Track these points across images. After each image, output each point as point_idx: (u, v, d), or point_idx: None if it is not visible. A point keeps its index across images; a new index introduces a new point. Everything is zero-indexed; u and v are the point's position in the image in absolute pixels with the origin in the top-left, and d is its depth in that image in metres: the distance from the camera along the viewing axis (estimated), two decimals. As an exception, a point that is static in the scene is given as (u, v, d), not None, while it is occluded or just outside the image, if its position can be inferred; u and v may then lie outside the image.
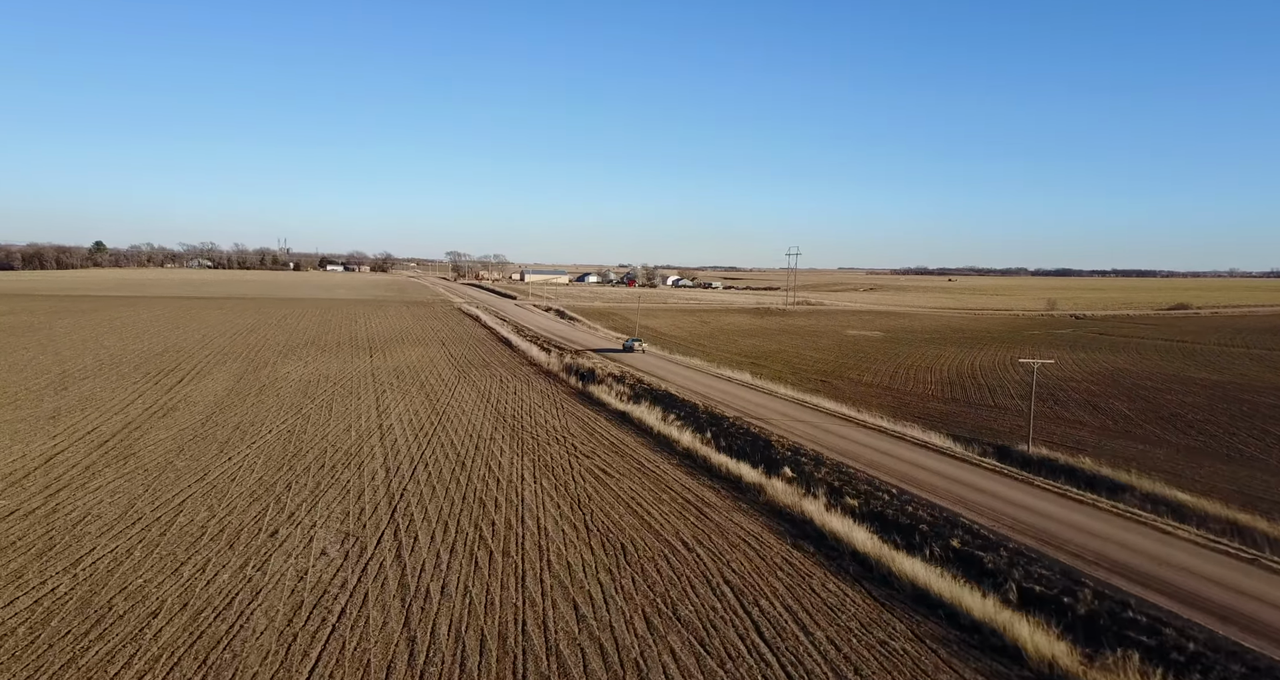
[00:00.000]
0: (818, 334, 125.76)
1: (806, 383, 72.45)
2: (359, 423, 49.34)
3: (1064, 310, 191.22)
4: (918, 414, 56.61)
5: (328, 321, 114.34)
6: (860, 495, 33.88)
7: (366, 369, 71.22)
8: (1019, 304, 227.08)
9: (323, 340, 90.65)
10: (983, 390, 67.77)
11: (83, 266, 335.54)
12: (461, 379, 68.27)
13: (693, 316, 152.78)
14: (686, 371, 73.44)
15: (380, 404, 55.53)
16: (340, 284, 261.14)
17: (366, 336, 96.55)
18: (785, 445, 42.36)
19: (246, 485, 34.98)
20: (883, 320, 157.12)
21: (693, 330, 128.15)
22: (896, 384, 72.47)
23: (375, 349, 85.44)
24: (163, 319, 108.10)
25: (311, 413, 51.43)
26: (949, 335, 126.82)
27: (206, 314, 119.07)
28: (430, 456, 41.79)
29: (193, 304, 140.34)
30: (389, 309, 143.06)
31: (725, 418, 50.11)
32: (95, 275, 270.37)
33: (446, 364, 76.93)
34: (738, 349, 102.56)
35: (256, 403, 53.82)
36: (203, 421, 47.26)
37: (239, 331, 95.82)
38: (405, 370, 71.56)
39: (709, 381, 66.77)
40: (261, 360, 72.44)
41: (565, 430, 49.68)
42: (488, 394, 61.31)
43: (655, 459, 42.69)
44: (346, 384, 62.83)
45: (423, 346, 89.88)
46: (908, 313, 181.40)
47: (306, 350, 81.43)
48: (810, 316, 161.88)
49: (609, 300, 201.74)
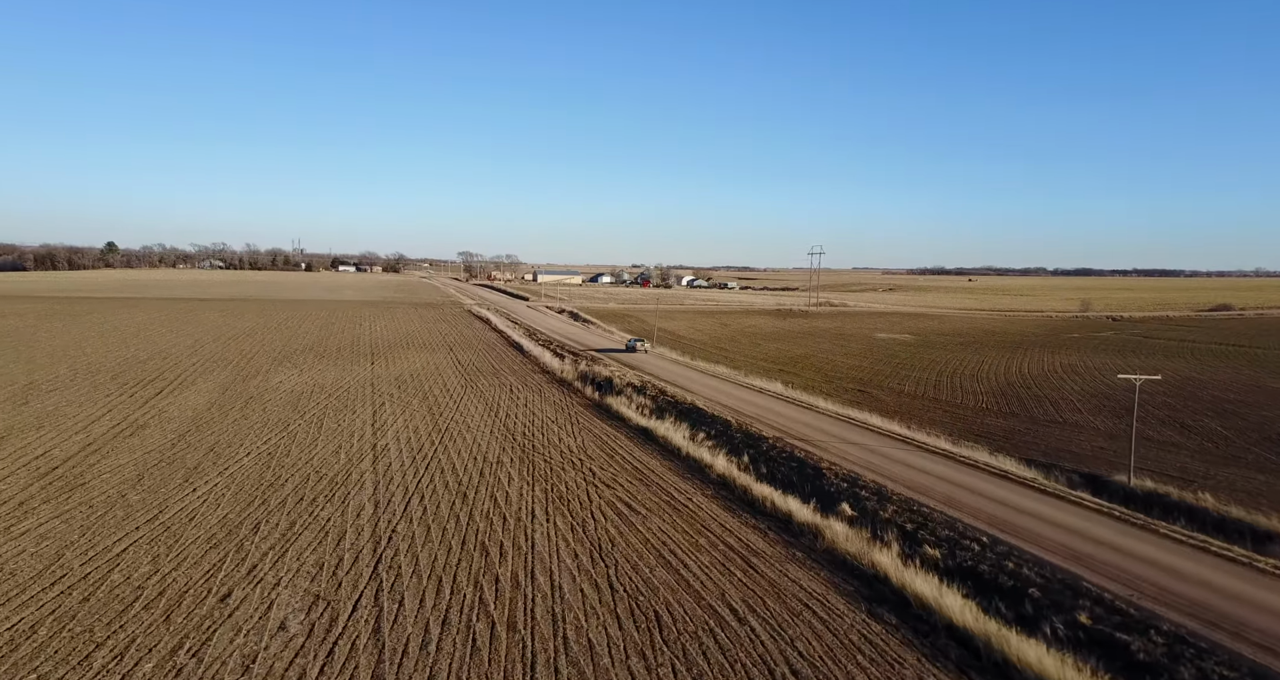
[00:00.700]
0: (845, 337, 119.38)
1: (843, 393, 66.32)
2: (351, 442, 43.86)
3: (1098, 311, 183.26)
4: (976, 431, 50.37)
5: (330, 325, 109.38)
6: (942, 543, 27.83)
7: (366, 378, 65.89)
8: (1048, 305, 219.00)
9: (323, 345, 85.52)
10: (1042, 403, 61.27)
11: (94, 267, 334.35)
12: (468, 389, 62.79)
13: (712, 318, 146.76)
14: (711, 380, 67.51)
15: (377, 420, 50.07)
16: (349, 285, 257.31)
17: (370, 341, 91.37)
18: (839, 474, 36.35)
19: (207, 526, 29.47)
20: (911, 322, 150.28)
21: (713, 333, 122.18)
22: (943, 395, 66.13)
23: (378, 355, 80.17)
24: (157, 322, 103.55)
25: (299, 430, 46.02)
26: (984, 338, 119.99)
27: (205, 316, 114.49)
28: (428, 485, 36.19)
29: (193, 306, 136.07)
30: (396, 311, 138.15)
31: (763, 437, 44.13)
32: (103, 276, 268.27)
33: (453, 372, 71.50)
34: (762, 354, 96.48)
35: (240, 418, 48.49)
36: (174, 442, 41.92)
37: (235, 335, 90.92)
38: (408, 379, 66.17)
39: (738, 392, 60.80)
40: (253, 368, 67.28)
41: (582, 451, 43.97)
42: (496, 407, 55.74)
43: (686, 489, 36.86)
44: (342, 395, 57.46)
45: (429, 352, 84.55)
46: (935, 314, 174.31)
47: (304, 357, 76.27)
48: (834, 318, 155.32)
49: (624, 301, 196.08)
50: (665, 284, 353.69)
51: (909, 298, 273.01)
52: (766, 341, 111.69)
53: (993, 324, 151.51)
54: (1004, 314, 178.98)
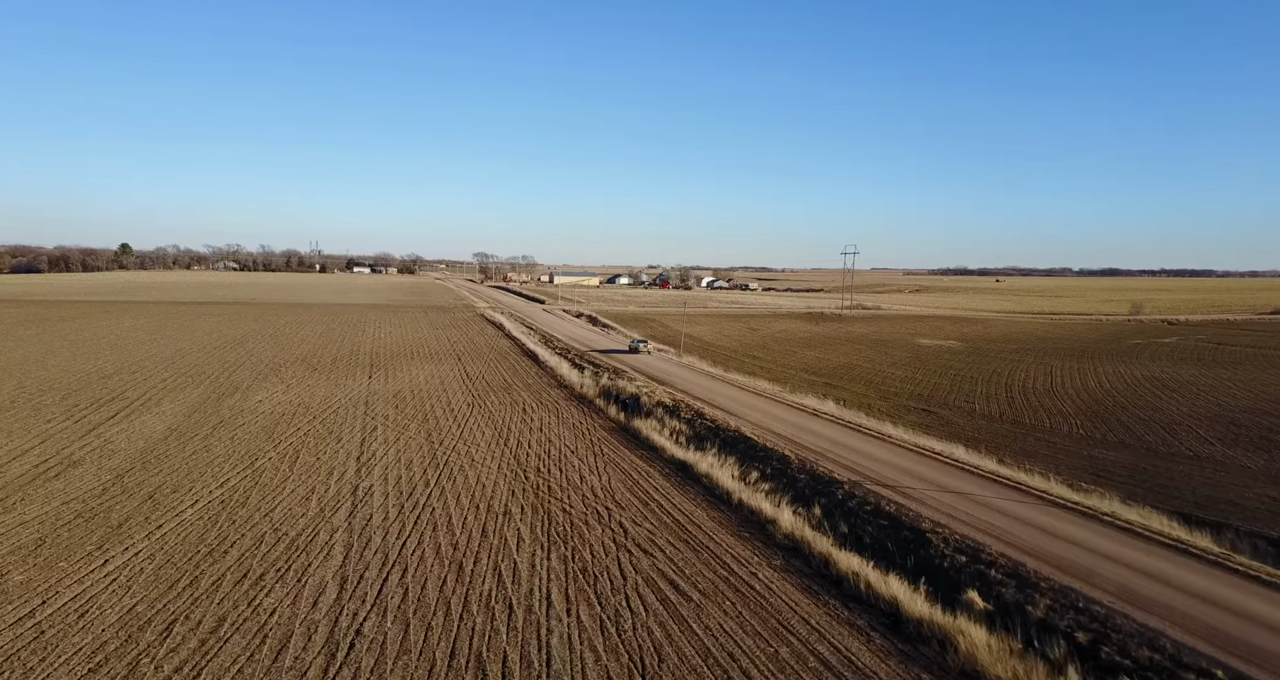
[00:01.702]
0: (886, 344, 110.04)
1: (905, 413, 57.47)
2: (328, 484, 35.84)
3: (1150, 314, 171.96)
4: (1089, 468, 41.34)
5: (332, 331, 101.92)
6: (1155, 672, 19.04)
7: (361, 394, 58.01)
8: (1091, 307, 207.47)
9: (318, 355, 77.89)
10: (1151, 428, 51.95)
11: (108, 269, 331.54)
12: (476, 408, 54.73)
13: (739, 323, 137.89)
14: (753, 398, 58.88)
15: (365, 451, 42.06)
16: (360, 287, 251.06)
17: (371, 350, 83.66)
18: (949, 540, 27.63)
19: (98, 631, 21.44)
20: (953, 327, 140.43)
21: (742, 339, 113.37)
22: (1022, 416, 57.02)
23: (378, 366, 72.35)
24: (143, 329, 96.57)
25: (267, 467, 38.08)
26: (1038, 345, 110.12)
27: (198, 322, 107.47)
28: (414, 551, 28.02)
29: (190, 310, 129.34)
30: (404, 316, 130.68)
31: (834, 480, 35.47)
32: (111, 278, 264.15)
33: (459, 387, 63.48)
34: (799, 363, 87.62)
35: (200, 450, 40.67)
36: (107, 486, 34.10)
37: (224, 344, 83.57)
38: (408, 396, 58.23)
39: (787, 415, 52.14)
40: (233, 383, 59.63)
41: (608, 495, 35.65)
42: (506, 432, 47.58)
43: (747, 556, 28.39)
44: (329, 418, 49.57)
45: (435, 363, 76.64)
46: (975, 317, 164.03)
47: (294, 368, 68.60)
48: (870, 322, 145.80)
49: (644, 304, 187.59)
50: (685, 285, 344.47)
51: (939, 299, 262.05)
52: (802, 348, 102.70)
53: (1041, 328, 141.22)
54: (1049, 317, 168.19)
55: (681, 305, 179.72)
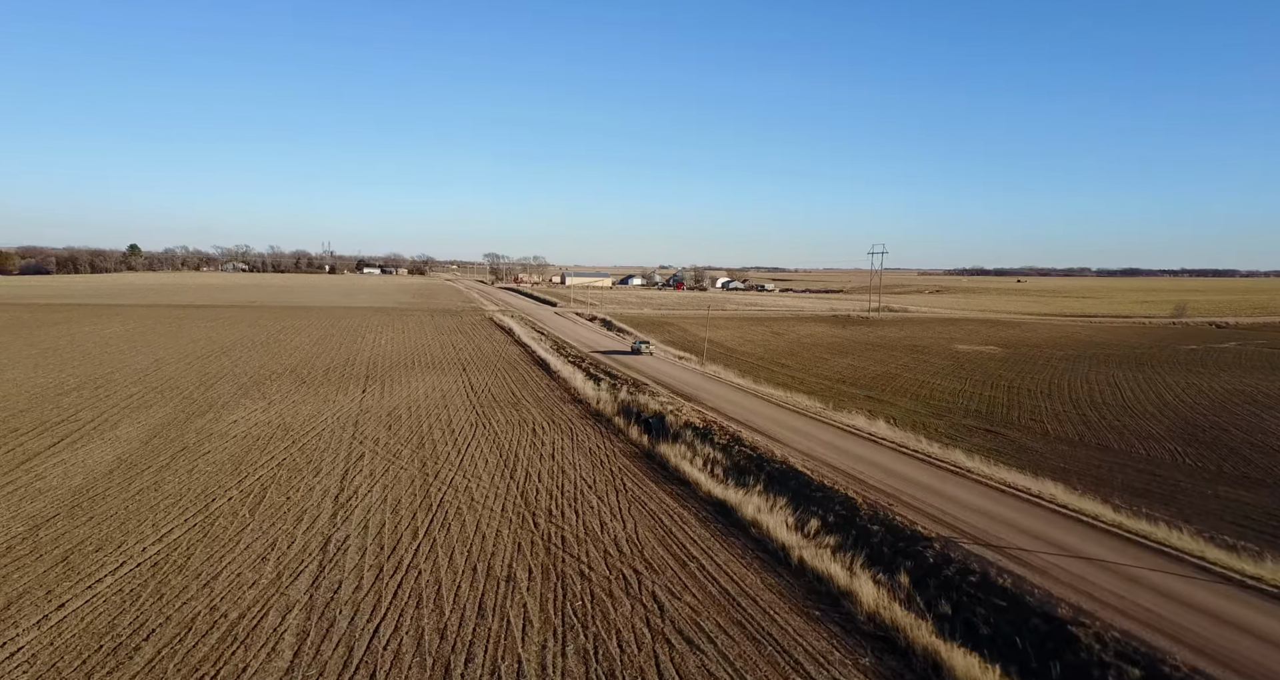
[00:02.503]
0: (922, 350, 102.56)
1: (968, 434, 50.32)
2: (293, 535, 29.24)
3: (1195, 317, 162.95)
4: (1227, 516, 33.97)
5: (329, 337, 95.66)
6: None
7: (351, 413, 51.53)
8: (1128, 309, 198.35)
9: (310, 365, 71.51)
10: (1273, 457, 44.39)
11: (116, 270, 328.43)
12: (479, 429, 48.11)
13: (761, 326, 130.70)
14: (793, 418, 51.88)
15: (345, 487, 35.46)
16: (368, 289, 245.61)
17: (369, 359, 77.24)
18: (1105, 639, 20.49)
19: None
20: (989, 331, 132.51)
21: (767, 344, 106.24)
22: (1105, 438, 49.62)
23: (374, 378, 65.89)
24: (127, 336, 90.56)
25: (224, 511, 31.52)
26: (1086, 351, 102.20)
27: (189, 327, 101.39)
28: (388, 643, 21.36)
29: (184, 314, 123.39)
30: (409, 320, 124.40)
31: (919, 535, 28.42)
32: (114, 280, 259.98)
33: (462, 402, 56.89)
34: (833, 371, 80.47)
35: (149, 487, 34.20)
36: (15, 542, 27.63)
37: (210, 352, 77.35)
38: (404, 415, 51.69)
39: (837, 439, 45.09)
40: (209, 400, 53.27)
41: (635, 550, 28.87)
42: (513, 459, 40.89)
43: (826, 652, 21.50)
44: (310, 443, 43.05)
45: (437, 373, 70.12)
46: (1010, 320, 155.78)
47: (281, 382, 62.23)
48: (900, 326, 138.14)
49: (659, 306, 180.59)
50: (699, 286, 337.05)
51: (964, 301, 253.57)
52: (833, 355, 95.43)
53: (1082, 332, 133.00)
54: (1087, 320, 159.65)
55: (699, 308, 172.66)
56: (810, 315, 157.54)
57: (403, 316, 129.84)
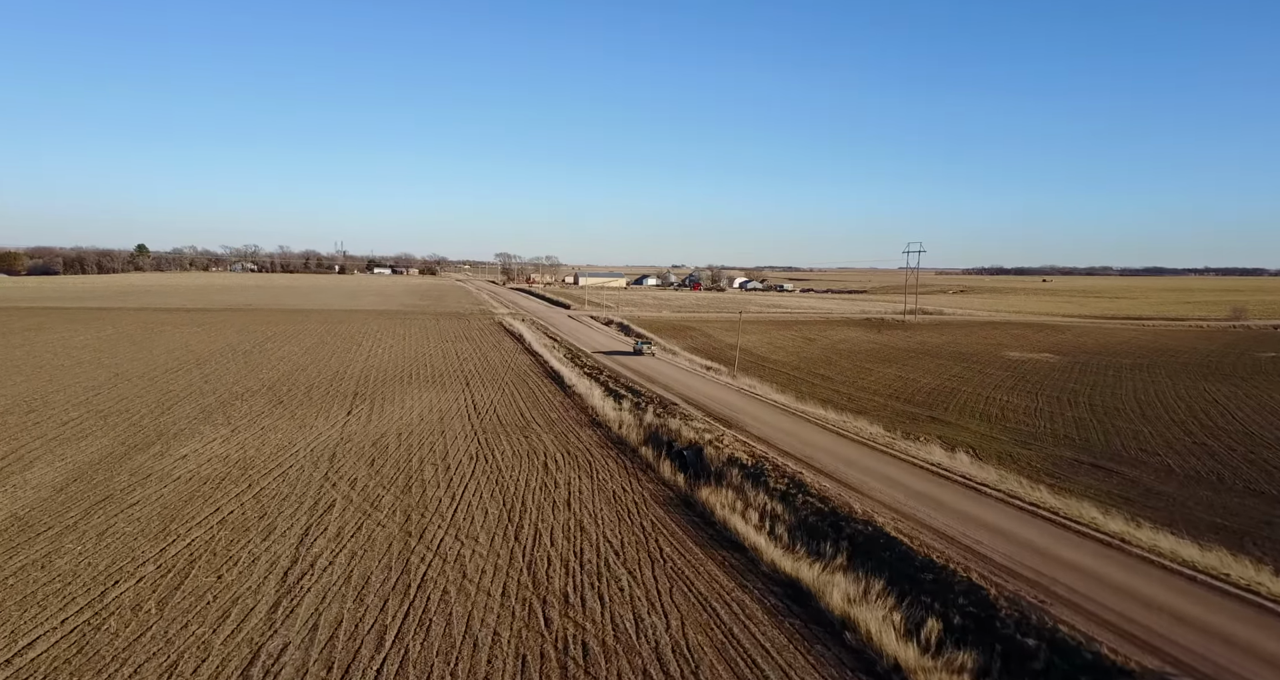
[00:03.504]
0: (972, 358, 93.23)
1: (1073, 471, 41.38)
2: (208, 647, 20.96)
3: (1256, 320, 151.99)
4: None
5: (322, 345, 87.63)
6: None
7: (329, 442, 43.29)
8: (1176, 311, 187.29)
9: (292, 380, 63.39)
10: None
11: (123, 271, 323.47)
12: (480, 464, 39.79)
13: (790, 330, 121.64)
14: (859, 451, 43.10)
15: (301, 556, 27.16)
16: (375, 290, 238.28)
17: (361, 371, 69.07)
18: None
19: None
20: (1037, 335, 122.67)
21: (799, 352, 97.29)
22: (1255, 481, 40.37)
23: (363, 396, 57.72)
24: (95, 344, 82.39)
25: (122, 607, 23.24)
26: (1157, 360, 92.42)
27: (170, 334, 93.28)
28: None
29: (170, 318, 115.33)
30: (413, 325, 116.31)
31: (1104, 662, 19.54)
32: (115, 281, 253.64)
33: (463, 426, 48.59)
34: (881, 385, 71.55)
35: (33, 565, 25.99)
36: None
37: (181, 364, 69.24)
38: (393, 444, 43.43)
39: (927, 484, 36.25)
40: (160, 428, 45.14)
41: (688, 670, 20.32)
42: (518, 511, 32.46)
43: None
44: (268, 489, 34.79)
45: (437, 388, 61.88)
46: (1055, 324, 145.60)
47: (254, 401, 54.12)
48: (939, 330, 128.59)
49: (678, 308, 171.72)
50: (717, 286, 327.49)
51: (992, 301, 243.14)
52: (876, 364, 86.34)
53: (1141, 337, 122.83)
54: (1140, 324, 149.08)
55: (720, 310, 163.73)
56: (841, 318, 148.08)
57: (406, 321, 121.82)
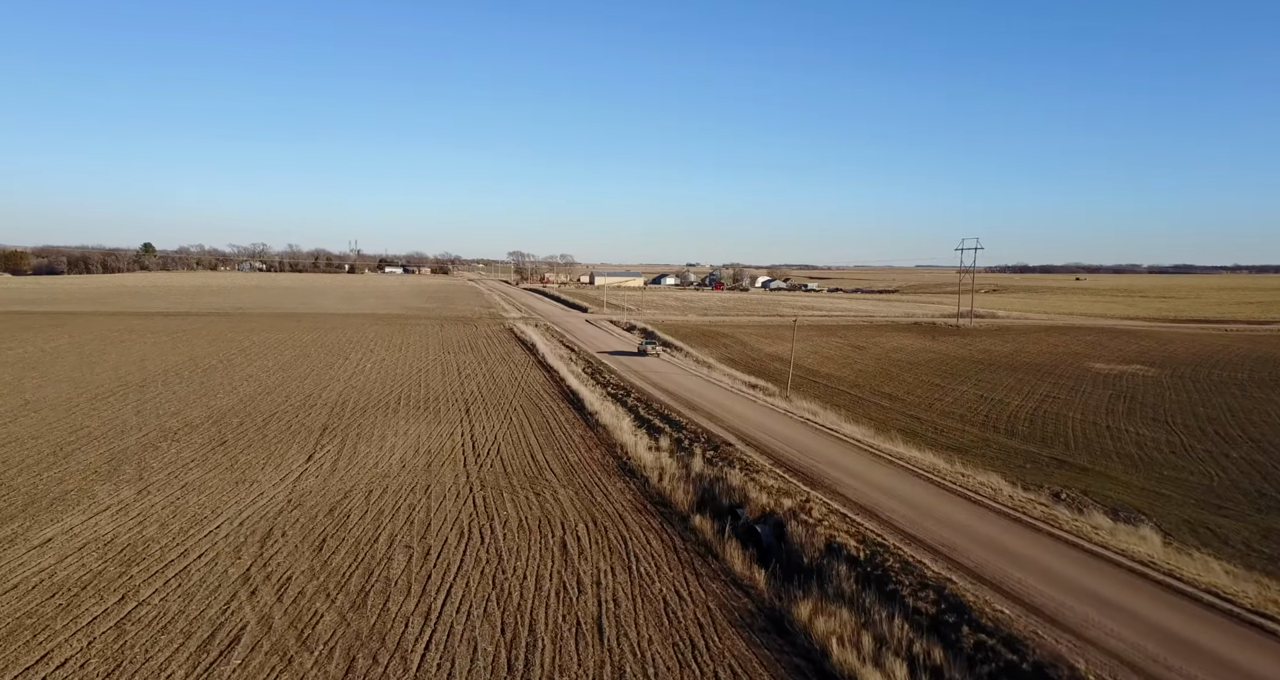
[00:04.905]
0: (1052, 372, 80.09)
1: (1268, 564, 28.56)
2: None
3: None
4: None
5: (303, 358, 75.87)
6: None
7: (268, 511, 31.39)
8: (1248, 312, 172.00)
9: (250, 408, 51.62)
10: None
11: (128, 270, 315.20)
12: (471, 546, 27.86)
13: (835, 338, 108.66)
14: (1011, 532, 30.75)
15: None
16: (380, 290, 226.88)
17: (339, 394, 57.25)
18: None
19: None
20: (1113, 342, 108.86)
21: (852, 363, 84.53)
22: None
23: (334, 430, 45.89)
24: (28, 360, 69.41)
25: None
26: (1271, 371, 78.72)
27: (128, 346, 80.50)
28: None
29: (142, 325, 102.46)
30: (413, 332, 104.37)
31: None
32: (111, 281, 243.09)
33: (454, 479, 36.60)
34: (963, 409, 59.03)
35: None
36: None
37: (118, 388, 57.16)
38: (356, 510, 31.51)
39: (1153, 607, 23.86)
40: (37, 488, 33.45)
41: None
42: (523, 642, 20.18)
43: None
44: (146, 608, 22.92)
45: (429, 418, 50.00)
46: (1126, 329, 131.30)
47: (189, 440, 42.42)
48: (999, 337, 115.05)
49: (704, 311, 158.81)
50: (739, 286, 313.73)
51: (1033, 302, 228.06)
52: (944, 379, 73.50)
53: (1233, 343, 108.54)
54: (1220, 328, 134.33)
55: (750, 313, 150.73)
56: (885, 322, 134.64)
57: (406, 327, 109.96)
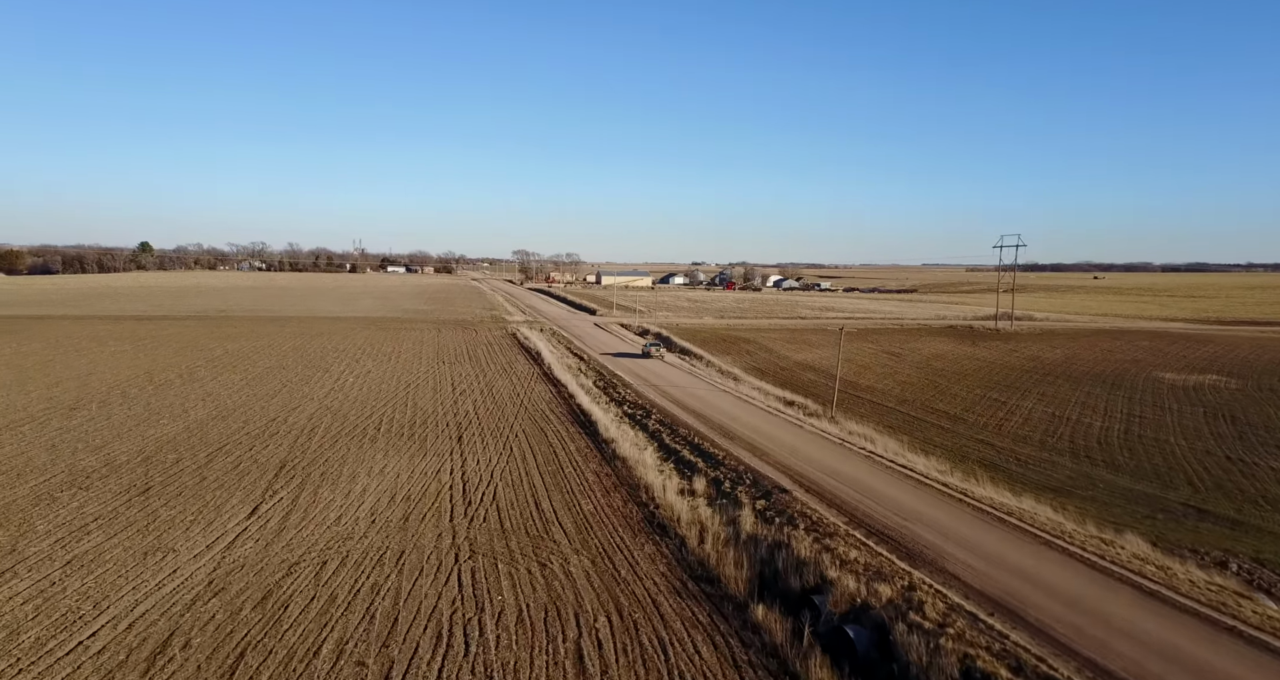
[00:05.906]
0: (1118, 383, 71.32)
1: None
2: None
3: None
4: None
5: (278, 370, 67.41)
6: None
7: (175, 605, 23.03)
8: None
9: (194, 440, 43.13)
10: None
11: (124, 269, 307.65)
12: (449, 654, 19.28)
13: (867, 343, 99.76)
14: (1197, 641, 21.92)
15: None
16: (378, 291, 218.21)
17: (309, 417, 48.80)
18: None
19: None
20: (1172, 348, 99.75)
21: (893, 373, 75.83)
22: None
23: (294, 467, 37.48)
24: None
25: None
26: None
27: (82, 355, 71.02)
28: None
29: (111, 330, 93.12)
30: (407, 338, 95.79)
31: None
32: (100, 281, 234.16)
33: (436, 543, 28.19)
34: (1036, 430, 50.61)
35: None
36: None
37: (43, 412, 47.96)
38: (298, 599, 23.19)
39: None
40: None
41: None
42: None
43: None
44: None
45: (412, 449, 41.55)
46: (1179, 332, 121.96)
47: (99, 489, 34.06)
48: (1046, 341, 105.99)
49: (719, 312, 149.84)
50: (751, 286, 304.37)
51: (1058, 301, 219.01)
52: (1001, 393, 64.78)
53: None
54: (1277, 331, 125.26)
55: (768, 315, 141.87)
56: (917, 325, 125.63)
57: (401, 332, 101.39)
